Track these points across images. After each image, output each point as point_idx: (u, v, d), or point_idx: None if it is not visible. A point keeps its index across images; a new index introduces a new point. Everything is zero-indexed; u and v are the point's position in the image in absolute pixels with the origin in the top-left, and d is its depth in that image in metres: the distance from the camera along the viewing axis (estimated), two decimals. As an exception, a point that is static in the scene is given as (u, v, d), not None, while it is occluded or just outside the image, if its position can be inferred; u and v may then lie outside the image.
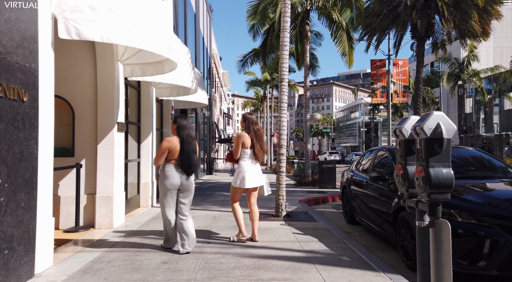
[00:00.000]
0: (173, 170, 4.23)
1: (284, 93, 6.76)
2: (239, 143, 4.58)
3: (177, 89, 7.55)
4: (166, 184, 4.21)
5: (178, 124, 4.41)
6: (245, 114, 4.76)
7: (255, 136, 4.62)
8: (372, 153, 6.11)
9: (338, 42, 13.05)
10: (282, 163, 6.73)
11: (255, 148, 4.61)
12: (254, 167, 4.63)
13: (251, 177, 4.57)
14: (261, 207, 7.51)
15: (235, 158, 4.64)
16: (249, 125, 4.65)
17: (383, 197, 4.74)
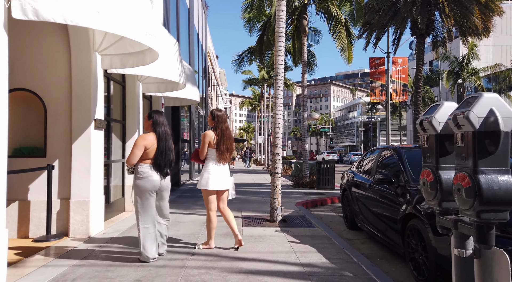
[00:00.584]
0: (150, 169, 3.78)
1: (279, 88, 6.25)
2: (206, 142, 4.17)
3: (165, 85, 7.03)
4: (146, 186, 3.76)
5: (154, 120, 3.94)
6: (214, 111, 4.33)
7: (223, 135, 4.22)
8: (375, 152, 5.61)
9: (337, 38, 12.55)
10: (278, 163, 6.23)
11: (222, 147, 4.20)
12: (221, 168, 4.23)
13: (216, 179, 4.19)
14: (255, 211, 7.02)
15: (201, 157, 4.24)
16: (218, 123, 4.26)
17: (388, 201, 4.24)
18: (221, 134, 4.21)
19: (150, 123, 3.94)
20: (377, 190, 4.61)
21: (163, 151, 3.89)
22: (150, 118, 3.96)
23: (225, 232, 5.16)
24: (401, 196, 3.98)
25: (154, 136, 3.87)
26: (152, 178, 3.80)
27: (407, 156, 4.41)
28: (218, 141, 4.19)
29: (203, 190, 4.22)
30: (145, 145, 3.79)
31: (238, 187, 12.00)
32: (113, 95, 6.90)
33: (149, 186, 3.78)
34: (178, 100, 9.26)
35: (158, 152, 3.85)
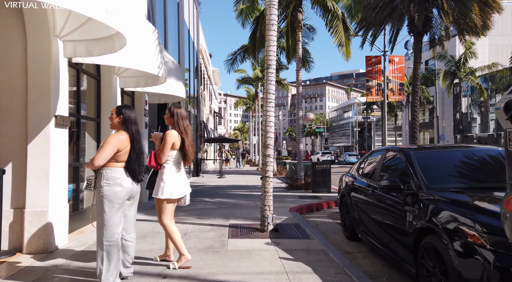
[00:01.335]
0: (123, 174, 3.18)
1: (271, 82, 5.61)
2: (170, 142, 3.56)
3: (145, 78, 6.36)
4: (119, 194, 3.15)
5: (125, 117, 3.30)
6: (173, 108, 3.76)
7: (187, 135, 3.68)
8: (377, 154, 4.99)
9: (334, 33, 11.95)
10: (269, 166, 5.58)
11: (186, 149, 3.64)
12: (181, 172, 3.74)
13: (178, 185, 3.65)
14: (244, 218, 6.37)
15: (161, 161, 3.62)
16: (179, 121, 3.69)
17: (396, 212, 3.62)
18: (185, 133, 3.66)
19: (120, 121, 3.30)
20: (382, 198, 3.98)
21: (139, 153, 3.28)
22: (120, 115, 3.30)
23: (207, 246, 4.50)
24: (412, 205, 3.36)
25: (127, 137, 3.24)
26: (126, 184, 3.19)
27: (417, 159, 3.79)
28: (182, 142, 3.60)
29: (161, 199, 3.60)
30: (118, 146, 3.16)
31: (229, 190, 11.36)
32: (86, 90, 6.22)
33: (122, 194, 3.17)
34: (163, 97, 8.58)
35: (133, 155, 3.24)
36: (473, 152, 4.02)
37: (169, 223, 3.63)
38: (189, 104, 17.52)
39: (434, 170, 3.68)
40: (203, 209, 7.62)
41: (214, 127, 39.96)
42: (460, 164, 3.85)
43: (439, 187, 3.40)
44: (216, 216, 6.65)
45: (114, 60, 4.49)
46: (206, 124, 27.65)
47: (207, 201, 8.92)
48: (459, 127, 31.84)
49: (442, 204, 3.01)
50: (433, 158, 3.97)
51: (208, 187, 12.54)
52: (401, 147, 4.39)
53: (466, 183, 3.53)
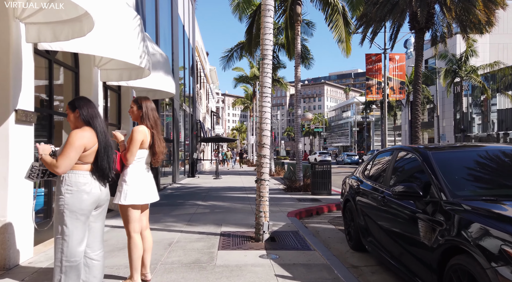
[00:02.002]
0: (89, 179, 2.65)
1: (266, 74, 5.04)
2: (138, 140, 3.01)
3: (128, 71, 5.77)
4: (84, 203, 2.60)
5: (82, 110, 2.75)
6: (140, 99, 3.22)
7: (156, 130, 3.14)
8: (387, 154, 4.42)
9: (333, 27, 11.39)
10: (264, 167, 5.01)
11: (156, 147, 3.10)
12: (149, 174, 3.20)
13: (144, 189, 3.10)
14: (238, 224, 5.78)
15: (129, 162, 3.04)
16: (148, 113, 3.14)
17: (414, 223, 3.05)
18: (155, 128, 3.12)
19: (78, 116, 2.73)
20: (395, 205, 3.42)
21: (106, 147, 2.74)
22: (75, 109, 2.74)
23: (192, 260, 3.93)
24: (433, 215, 2.80)
25: (93, 132, 2.68)
26: (93, 190, 2.64)
27: (436, 160, 3.22)
28: (152, 138, 3.07)
29: (124, 206, 3.04)
30: (85, 145, 2.60)
31: (223, 192, 10.78)
32: (63, 84, 5.64)
33: (88, 203, 2.62)
34: (151, 92, 7.97)
35: (101, 152, 2.69)
36: (502, 151, 3.44)
37: (135, 236, 3.05)
38: (183, 102, 16.94)
39: (458, 174, 3.12)
40: (194, 213, 7.04)
41: (212, 127, 39.35)
42: (487, 166, 3.30)
43: (467, 195, 2.84)
44: (208, 222, 6.08)
45: (85, 47, 3.90)
46: (203, 123, 27.05)
47: (200, 204, 8.34)
48: (460, 127, 31.34)
49: (474, 216, 2.44)
50: (455, 159, 3.40)
51: (202, 189, 11.96)
52: (415, 146, 3.83)
53: (498, 189, 2.97)
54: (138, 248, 3.05)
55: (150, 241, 3.25)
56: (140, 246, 3.07)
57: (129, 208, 3.03)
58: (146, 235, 3.23)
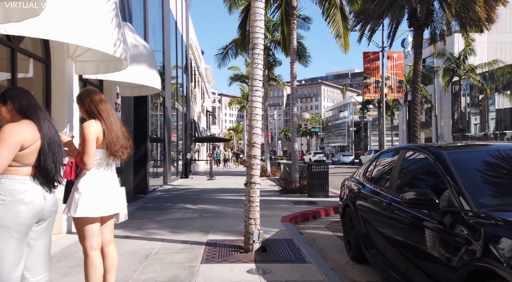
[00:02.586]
0: (30, 185, 2.12)
1: (257, 66, 4.54)
2: (92, 138, 2.49)
3: (106, 63, 5.24)
4: (19, 217, 2.06)
5: (15, 102, 2.23)
6: (79, 95, 2.69)
7: (111, 125, 2.60)
8: (391, 154, 3.93)
9: (331, 22, 10.91)
10: (255, 169, 4.50)
11: (113, 143, 2.55)
12: (110, 178, 2.65)
13: (104, 197, 2.57)
14: (227, 231, 5.24)
15: (88, 166, 2.50)
16: (91, 106, 2.62)
17: (429, 236, 2.55)
18: (107, 121, 2.57)
19: (11, 108, 2.20)
20: (404, 214, 2.92)
21: (53, 147, 2.21)
22: (6, 100, 2.22)
23: (169, 277, 3.40)
24: (453, 228, 2.30)
25: (33, 126, 2.15)
26: (35, 200, 2.11)
27: (453, 162, 2.73)
28: (108, 135, 2.54)
29: (76, 219, 2.53)
30: (22, 141, 2.07)
31: (215, 194, 10.26)
32: (33, 78, 5.10)
33: (26, 217, 2.10)
34: (137, 89, 7.46)
35: (45, 150, 2.16)
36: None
37: (92, 254, 2.53)
38: (176, 101, 16.40)
39: (481, 179, 2.63)
40: (181, 218, 6.52)
41: (207, 127, 38.79)
42: None
43: (494, 204, 2.35)
44: (194, 229, 5.56)
45: (41, 30, 3.34)
46: (197, 123, 26.50)
47: (189, 208, 7.82)
48: (459, 127, 30.99)
49: (510, 232, 1.95)
50: (473, 160, 2.91)
51: (194, 191, 11.43)
52: (424, 145, 3.33)
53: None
54: (97, 268, 2.53)
55: (115, 259, 2.73)
56: (99, 266, 2.55)
57: (83, 221, 2.51)
58: (109, 252, 2.71)
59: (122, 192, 2.75)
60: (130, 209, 7.61)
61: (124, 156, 2.66)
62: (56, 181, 2.24)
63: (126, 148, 2.67)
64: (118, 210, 2.68)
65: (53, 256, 4.05)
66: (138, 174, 10.05)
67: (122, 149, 2.62)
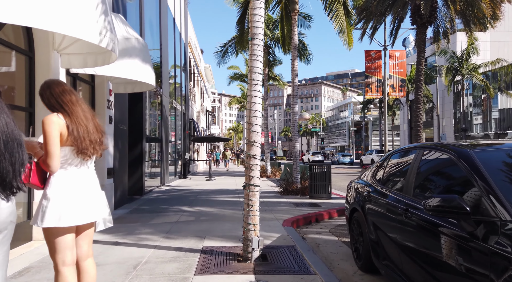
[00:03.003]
0: None
1: (256, 58, 4.17)
2: (54, 135, 2.11)
3: (94, 56, 4.87)
4: None
5: None
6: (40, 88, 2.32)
7: (73, 116, 2.21)
8: (406, 154, 3.55)
9: (334, 17, 10.54)
10: (254, 170, 4.13)
11: (80, 139, 2.17)
12: (85, 181, 2.26)
13: (78, 204, 2.17)
14: (225, 237, 4.80)
15: (54, 169, 2.12)
16: (50, 98, 2.25)
17: (458, 250, 2.18)
18: (75, 116, 2.20)
19: None
20: (426, 222, 2.55)
21: (11, 146, 1.83)
22: None
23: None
24: (487, 241, 1.94)
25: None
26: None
27: (483, 163, 2.36)
28: (74, 129, 2.17)
29: (45, 229, 2.16)
30: None
31: (214, 195, 9.89)
32: (16, 72, 4.74)
33: None
34: (130, 85, 7.09)
35: (0, 149, 1.78)
36: None
37: (64, 271, 2.16)
38: (174, 99, 16.03)
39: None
40: (176, 222, 6.15)
41: (207, 127, 38.41)
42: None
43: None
44: (189, 234, 5.19)
45: (10, 15, 2.97)
46: (197, 122, 26.14)
47: (185, 210, 7.45)
48: (461, 126, 30.61)
49: None
50: (505, 160, 2.54)
51: (192, 192, 11.06)
52: (446, 143, 2.97)
53: None
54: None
55: (92, 275, 2.36)
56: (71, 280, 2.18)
57: (53, 232, 2.14)
58: (86, 267, 2.33)
59: (101, 195, 2.38)
60: (124, 212, 7.25)
61: (97, 153, 2.29)
62: (14, 187, 1.87)
63: (99, 143, 2.30)
64: (96, 217, 2.30)
65: (31, 266, 3.68)
66: (134, 174, 9.69)
67: (94, 144, 2.25)
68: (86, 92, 6.84)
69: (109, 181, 7.09)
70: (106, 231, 5.28)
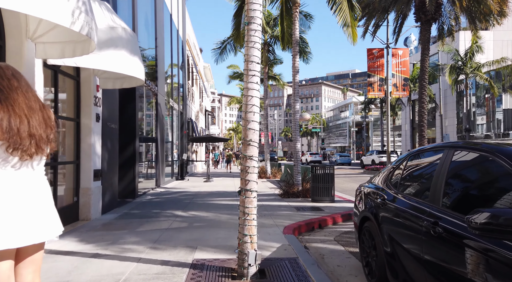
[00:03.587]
0: None
1: (254, 44, 3.64)
2: None
3: (72, 45, 4.36)
4: None
5: None
6: None
7: (10, 106, 1.66)
8: (431, 155, 3.03)
9: (337, 11, 10.01)
10: (251, 173, 3.61)
11: (18, 134, 1.67)
12: (22, 183, 1.72)
13: (15, 215, 1.64)
14: (219, 247, 4.19)
15: None
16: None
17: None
18: (10, 104, 1.68)
19: None
20: (466, 242, 2.02)
21: None
22: None
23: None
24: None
25: None
26: None
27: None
28: (7, 121, 1.65)
29: None
30: None
31: (210, 198, 9.34)
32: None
33: None
34: (119, 80, 6.55)
35: None
36: None
37: None
38: (171, 98, 15.51)
39: None
40: (167, 229, 5.62)
41: (206, 127, 37.88)
42: None
43: None
44: (179, 244, 4.67)
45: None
46: (195, 122, 25.61)
47: (178, 215, 6.92)
48: (465, 127, 30.09)
49: None
50: None
51: (187, 194, 10.53)
52: (488, 142, 2.44)
53: None
54: None
55: None
56: None
57: None
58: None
59: (50, 205, 1.83)
60: (112, 217, 6.72)
61: (42, 152, 1.77)
62: None
63: (46, 141, 1.78)
64: (45, 236, 1.76)
65: None
66: (125, 176, 9.16)
67: (38, 141, 1.73)
68: (70, 88, 6.32)
69: (95, 183, 6.57)
70: (87, 240, 4.77)
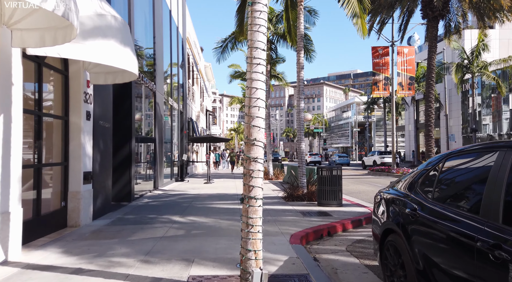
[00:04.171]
0: None
1: (258, 28, 3.12)
2: None
3: (53, 32, 3.86)
4: None
5: None
6: None
7: None
8: (478, 157, 2.49)
9: (345, 3, 9.49)
10: (255, 178, 3.09)
11: None
12: None
13: None
14: (218, 260, 3.55)
15: None
16: None
17: None
18: None
19: None
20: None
21: None
22: None
23: None
24: None
25: None
26: None
27: None
28: None
29: None
30: None
31: (210, 201, 8.76)
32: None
33: None
34: (111, 75, 6.06)
35: None
36: None
37: None
38: (170, 97, 15.01)
39: None
40: (161, 237, 5.10)
41: (207, 127, 37.36)
42: None
43: None
44: (174, 256, 4.15)
45: None
46: (196, 122, 25.11)
47: (175, 221, 6.41)
48: (471, 126, 29.48)
49: None
50: None
51: (186, 197, 10.01)
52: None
53: None
54: None
55: None
56: None
57: None
58: None
59: None
60: (103, 223, 6.21)
61: None
62: None
63: None
64: None
65: None
66: (120, 178, 8.65)
67: None
68: (58, 83, 5.81)
69: (86, 187, 6.06)
70: (72, 252, 4.25)
